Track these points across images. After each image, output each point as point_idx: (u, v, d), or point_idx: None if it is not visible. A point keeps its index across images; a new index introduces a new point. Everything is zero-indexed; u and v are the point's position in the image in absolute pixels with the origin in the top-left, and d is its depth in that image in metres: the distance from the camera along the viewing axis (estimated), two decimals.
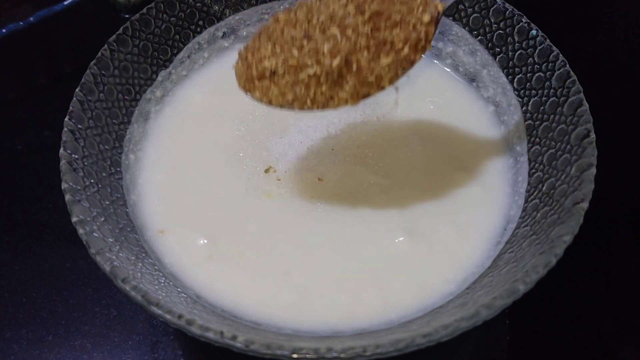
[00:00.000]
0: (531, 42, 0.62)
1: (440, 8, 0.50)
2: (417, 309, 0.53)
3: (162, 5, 0.67)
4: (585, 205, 0.49)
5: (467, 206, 0.60)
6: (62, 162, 0.54)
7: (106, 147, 0.60)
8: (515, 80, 0.64)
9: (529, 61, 0.63)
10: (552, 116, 0.59)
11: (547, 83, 0.60)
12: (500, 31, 0.65)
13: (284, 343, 0.43)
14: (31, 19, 0.87)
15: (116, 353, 0.62)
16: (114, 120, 0.62)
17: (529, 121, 0.62)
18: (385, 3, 0.50)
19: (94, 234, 0.50)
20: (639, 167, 0.76)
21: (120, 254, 0.50)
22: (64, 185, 0.52)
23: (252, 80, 0.50)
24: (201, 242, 0.58)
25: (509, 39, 0.65)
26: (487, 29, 0.67)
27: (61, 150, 0.54)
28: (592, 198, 0.50)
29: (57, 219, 0.71)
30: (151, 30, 0.67)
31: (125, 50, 0.64)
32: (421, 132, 0.66)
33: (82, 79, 0.60)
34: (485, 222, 0.58)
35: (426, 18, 0.49)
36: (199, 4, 0.70)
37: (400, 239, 0.57)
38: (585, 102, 0.56)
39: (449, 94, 0.69)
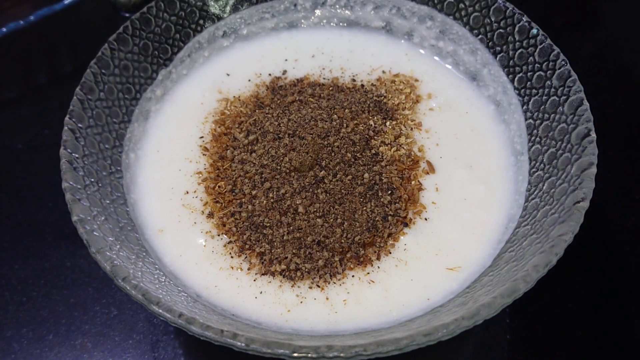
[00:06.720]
0: (532, 41, 0.62)
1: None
2: (418, 308, 0.53)
3: (162, 4, 0.67)
4: (585, 204, 0.49)
5: (468, 204, 0.60)
6: (63, 161, 0.54)
7: (106, 146, 0.60)
8: (516, 79, 0.64)
9: (529, 60, 0.63)
10: (552, 115, 0.59)
11: (548, 82, 0.60)
12: (501, 30, 0.65)
13: (284, 342, 0.43)
14: (31, 18, 0.88)
15: (117, 352, 0.62)
16: (114, 119, 0.62)
17: (530, 120, 0.62)
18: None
19: (95, 232, 0.50)
20: (639, 166, 0.76)
21: (121, 253, 0.50)
22: (64, 184, 0.52)
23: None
24: (201, 241, 0.58)
25: (509, 37, 0.65)
26: (487, 28, 0.67)
27: (61, 149, 0.54)
28: (593, 197, 0.50)
29: (57, 217, 0.71)
30: (151, 29, 0.67)
31: (126, 49, 0.64)
32: (423, 130, 0.66)
33: (83, 78, 0.60)
34: (486, 220, 0.58)
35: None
36: (199, 3, 0.70)
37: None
38: (585, 101, 0.56)
39: (450, 93, 0.69)
